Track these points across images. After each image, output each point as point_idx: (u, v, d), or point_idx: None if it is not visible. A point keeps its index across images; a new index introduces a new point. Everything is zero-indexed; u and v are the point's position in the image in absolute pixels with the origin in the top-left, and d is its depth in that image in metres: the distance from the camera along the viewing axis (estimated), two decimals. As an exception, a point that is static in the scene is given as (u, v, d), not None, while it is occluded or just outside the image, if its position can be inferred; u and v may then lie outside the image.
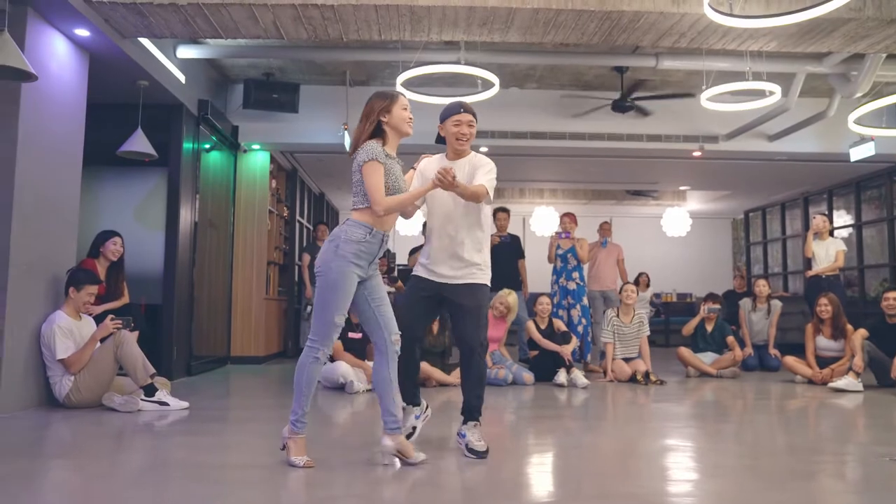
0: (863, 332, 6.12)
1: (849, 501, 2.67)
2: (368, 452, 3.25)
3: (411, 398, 3.41)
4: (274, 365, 8.04)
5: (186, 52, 6.42)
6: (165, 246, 6.40)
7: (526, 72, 8.03)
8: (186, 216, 6.61)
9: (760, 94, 6.51)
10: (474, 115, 3.48)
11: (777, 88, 6.28)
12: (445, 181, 3.00)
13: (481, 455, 3.14)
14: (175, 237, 6.41)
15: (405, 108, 3.24)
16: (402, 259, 11.61)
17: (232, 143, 8.01)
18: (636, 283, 11.11)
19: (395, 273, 10.93)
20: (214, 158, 7.55)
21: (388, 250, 8.53)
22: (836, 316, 6.47)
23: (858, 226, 10.29)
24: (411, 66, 6.12)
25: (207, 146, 7.23)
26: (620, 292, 6.81)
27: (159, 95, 6.13)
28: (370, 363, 5.79)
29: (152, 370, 4.58)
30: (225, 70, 7.76)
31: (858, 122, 7.06)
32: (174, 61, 6.26)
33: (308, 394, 2.99)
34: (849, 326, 6.40)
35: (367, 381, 5.67)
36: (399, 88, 6.21)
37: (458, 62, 6.08)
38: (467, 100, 6.67)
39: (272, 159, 8.61)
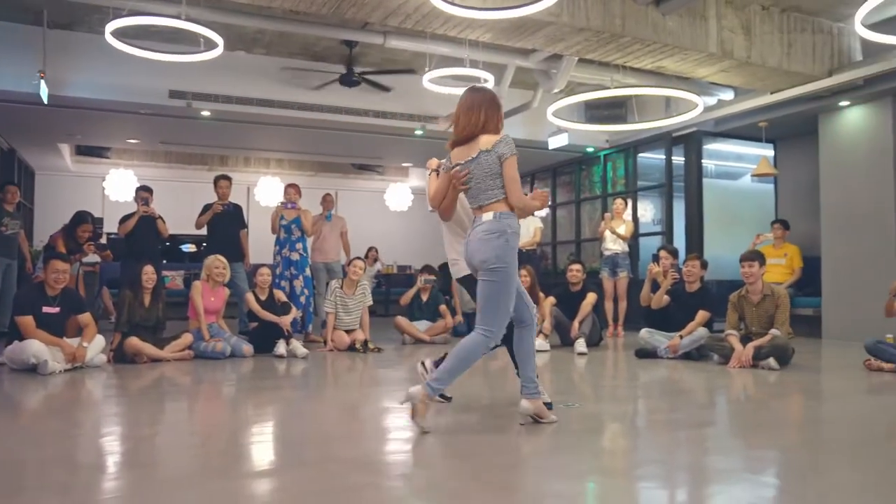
0: (551, 299, 6.98)
1: (534, 444, 3.05)
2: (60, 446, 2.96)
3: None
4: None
5: None
6: None
7: (254, 35, 7.76)
8: None
9: (476, 80, 7.03)
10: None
11: (491, 77, 6.84)
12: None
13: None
14: None
15: None
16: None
17: None
18: (365, 257, 11.43)
19: (105, 240, 9.97)
20: None
21: (91, 214, 7.68)
22: (532, 285, 7.27)
23: (553, 207, 11.65)
24: (124, 14, 5.55)
25: None
26: (348, 266, 6.94)
27: None
28: (72, 340, 5.21)
29: None
30: None
31: (556, 114, 7.98)
32: None
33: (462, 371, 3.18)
34: (541, 294, 7.25)
35: (64, 359, 5.07)
36: (108, 38, 5.60)
37: (178, 17, 5.66)
38: (189, 59, 6.30)
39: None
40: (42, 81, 6.81)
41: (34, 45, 7.00)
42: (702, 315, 5.85)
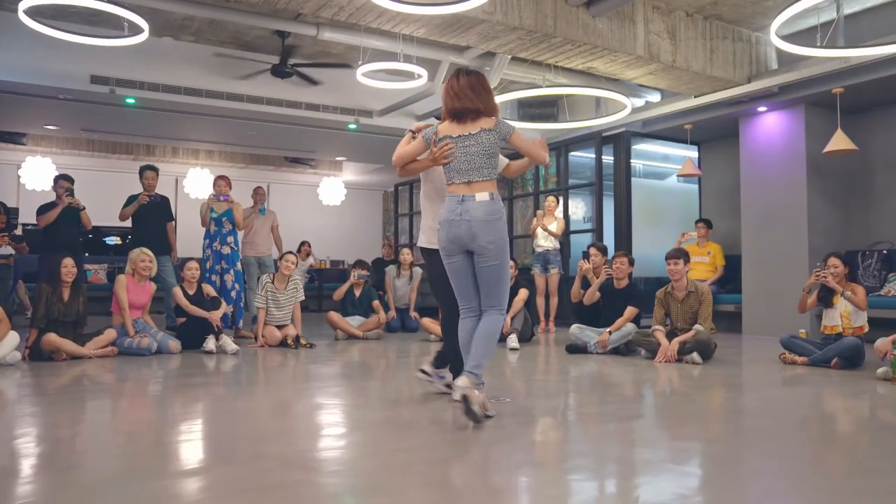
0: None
1: (463, 439, 3.08)
2: (-22, 438, 2.80)
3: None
4: None
5: None
6: None
7: (182, 22, 7.53)
8: None
9: (411, 75, 7.03)
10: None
11: (424, 72, 6.84)
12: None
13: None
14: None
15: None
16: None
17: None
18: (298, 251, 11.27)
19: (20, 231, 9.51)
20: None
21: (5, 204, 7.31)
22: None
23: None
24: (41, -6, 5.29)
25: None
26: (280, 260, 6.82)
27: None
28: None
29: None
30: None
31: (489, 111, 8.02)
32: None
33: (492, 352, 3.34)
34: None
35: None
36: (22, 17, 5.33)
37: (101, -1, 5.42)
38: (112, 43, 6.06)
39: None
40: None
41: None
42: (630, 311, 6.02)
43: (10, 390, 4.31)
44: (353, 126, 9.22)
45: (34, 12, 5.40)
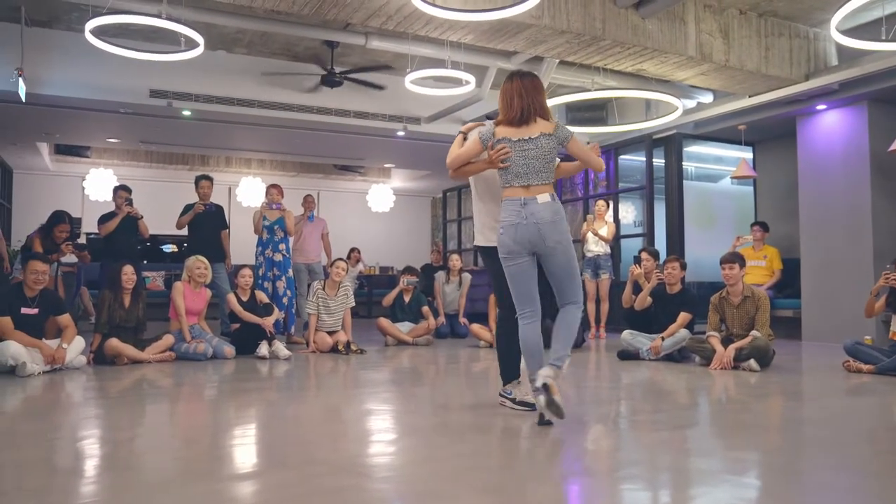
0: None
1: (516, 446, 3.06)
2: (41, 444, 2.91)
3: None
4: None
5: None
6: None
7: (234, 35, 7.71)
8: None
9: (458, 82, 7.04)
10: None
11: (472, 79, 6.85)
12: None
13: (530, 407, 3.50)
14: None
15: None
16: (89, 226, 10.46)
17: None
18: (348, 258, 11.38)
19: (84, 240, 9.84)
20: None
21: (69, 214, 7.58)
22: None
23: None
24: (103, 12, 5.50)
25: None
26: (330, 267, 6.91)
27: None
28: (51, 342, 5.15)
29: None
30: None
31: (538, 117, 7.99)
32: None
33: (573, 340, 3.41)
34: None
35: (43, 361, 5.02)
36: (88, 36, 5.54)
37: (159, 15, 5.61)
38: (169, 58, 6.25)
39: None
40: (20, 79, 6.73)
41: (12, 43, 6.91)
42: (683, 317, 5.90)
43: (76, 393, 4.46)
44: (401, 133, 9.26)
45: (98, 32, 5.61)
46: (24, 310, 5.14)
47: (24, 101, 7.00)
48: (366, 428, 3.47)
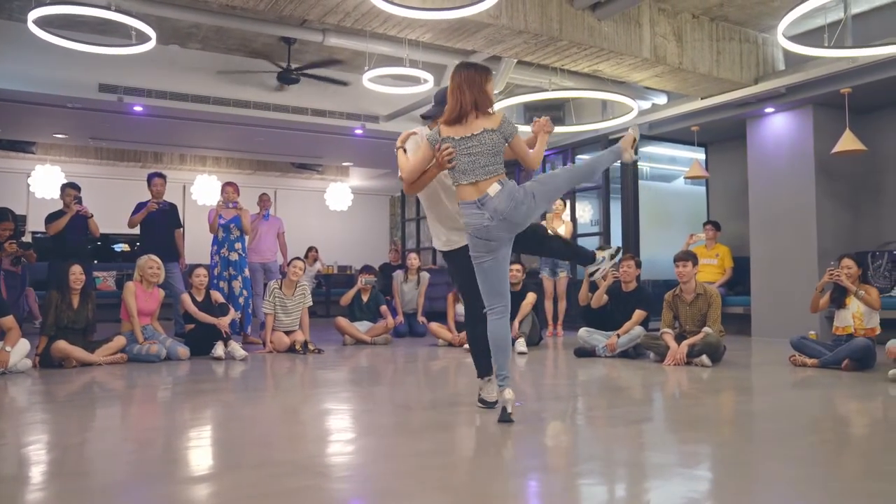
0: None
1: (475, 443, 3.08)
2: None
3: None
4: None
5: None
6: None
7: (188, 30, 7.57)
8: None
9: (417, 80, 7.03)
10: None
11: (430, 77, 6.85)
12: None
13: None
14: None
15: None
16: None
17: None
18: (305, 257, 11.28)
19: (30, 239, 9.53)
20: None
21: (13, 212, 7.34)
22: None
23: (492, 207, 11.73)
24: (47, 2, 5.33)
25: None
26: (287, 266, 6.83)
27: None
28: None
29: None
30: None
31: (495, 115, 8.03)
32: None
33: None
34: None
35: None
36: (31, 27, 5.37)
37: (108, 7, 5.46)
38: (120, 52, 6.10)
39: None
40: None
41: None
42: (638, 314, 6.00)
43: (20, 397, 4.33)
44: (359, 131, 9.20)
45: (43, 22, 5.44)
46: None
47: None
48: (324, 428, 3.45)
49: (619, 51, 6.35)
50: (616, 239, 9.08)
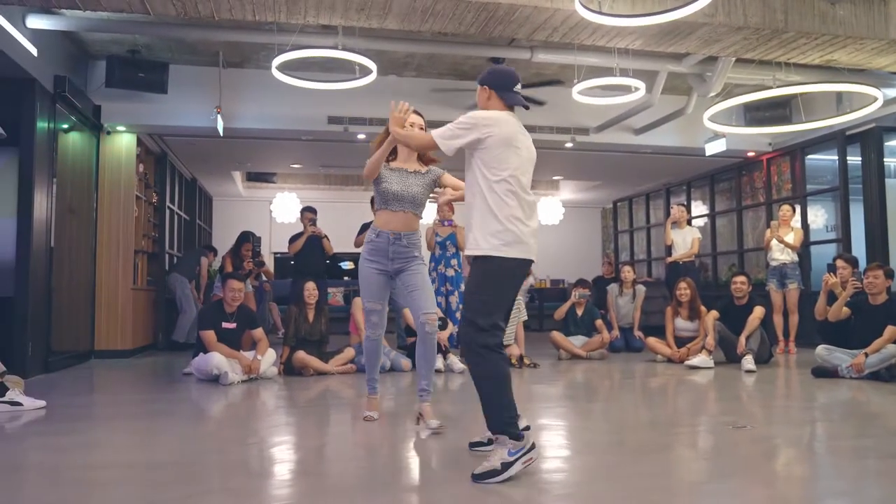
0: (714, 313, 6.62)
1: (699, 467, 2.89)
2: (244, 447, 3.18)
3: None
4: (143, 358, 7.63)
5: (37, 22, 5.91)
6: (17, 233, 5.89)
7: (404, 60, 8.04)
8: (42, 201, 6.11)
9: (627, 89, 6.85)
10: None
11: (642, 85, 6.64)
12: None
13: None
14: (28, 224, 5.90)
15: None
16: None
17: (94, 124, 7.49)
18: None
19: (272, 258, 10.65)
20: (74, 140, 7.05)
21: (252, 234, 8.27)
22: (692, 299, 6.96)
23: (712, 215, 11.07)
24: (287, 50, 5.97)
25: (66, 126, 6.73)
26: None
27: (6, 69, 5.63)
28: (247, 353, 5.64)
29: (2, 368, 4.25)
30: (84, 45, 7.24)
31: (712, 119, 7.59)
32: (24, 31, 5.75)
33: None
34: (702, 308, 6.90)
35: (241, 371, 5.51)
36: (274, 72, 6.05)
37: (335, 47, 5.99)
38: (345, 86, 6.66)
39: (139, 142, 8.12)
40: (219, 116, 7.47)
41: (212, 84, 7.68)
42: (890, 331, 5.29)
43: (269, 402, 4.84)
44: (569, 144, 9.16)
45: (283, 67, 6.12)
46: (224, 324, 5.67)
47: (221, 135, 7.77)
48: (540, 443, 3.43)
49: (858, 35, 5.69)
50: (859, 246, 8.12)
